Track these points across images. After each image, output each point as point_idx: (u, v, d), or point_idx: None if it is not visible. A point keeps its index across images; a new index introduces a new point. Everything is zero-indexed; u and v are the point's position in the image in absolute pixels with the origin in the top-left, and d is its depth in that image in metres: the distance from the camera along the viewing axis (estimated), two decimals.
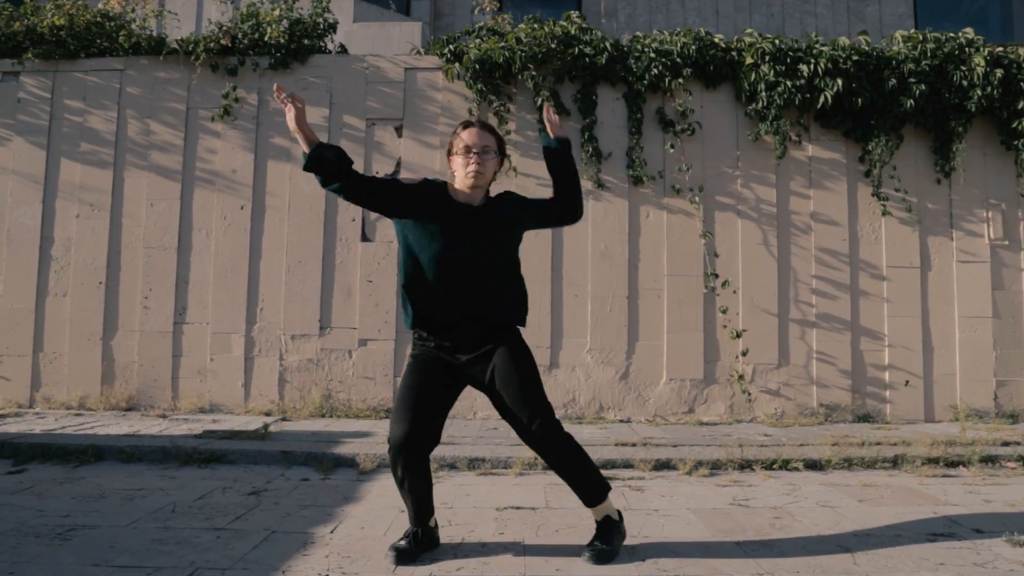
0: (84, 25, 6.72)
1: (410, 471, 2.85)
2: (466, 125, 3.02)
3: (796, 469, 4.63)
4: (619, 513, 3.07)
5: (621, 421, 6.15)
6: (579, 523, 3.40)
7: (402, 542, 2.89)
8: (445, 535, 3.20)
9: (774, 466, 4.65)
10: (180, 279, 6.49)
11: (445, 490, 4.03)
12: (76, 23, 6.68)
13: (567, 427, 5.68)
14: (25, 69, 6.70)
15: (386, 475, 4.39)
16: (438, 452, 4.63)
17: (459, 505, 3.73)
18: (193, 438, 5.08)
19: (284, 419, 5.99)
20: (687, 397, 6.30)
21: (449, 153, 3.04)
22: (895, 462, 4.71)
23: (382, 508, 3.66)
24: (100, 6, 6.96)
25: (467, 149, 2.93)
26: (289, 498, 3.87)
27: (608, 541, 2.94)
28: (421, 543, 2.92)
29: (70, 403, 6.37)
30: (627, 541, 3.07)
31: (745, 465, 4.64)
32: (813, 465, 4.69)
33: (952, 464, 4.71)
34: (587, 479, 3.01)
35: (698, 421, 6.16)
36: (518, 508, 3.67)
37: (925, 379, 6.37)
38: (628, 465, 4.61)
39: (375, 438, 5.11)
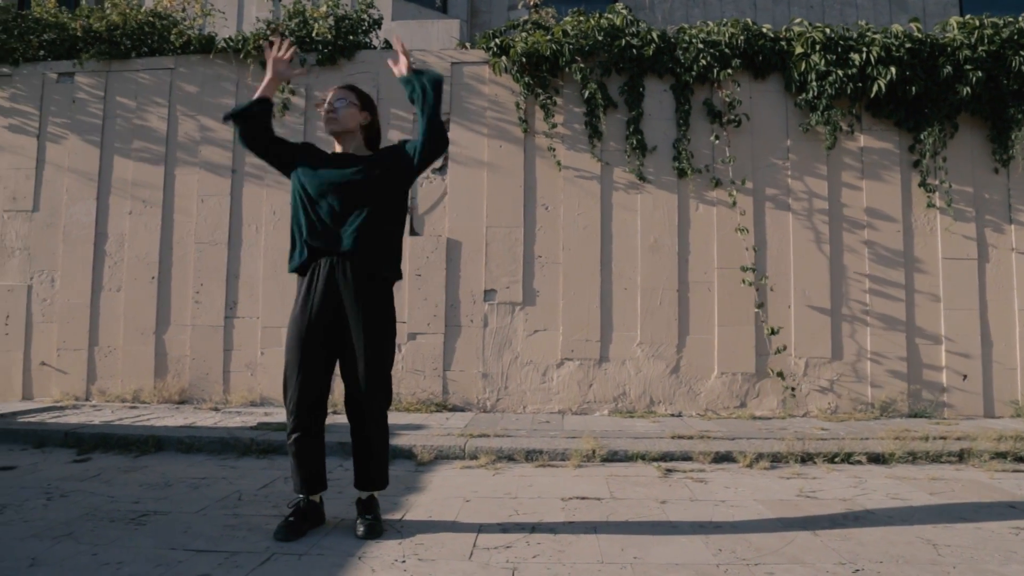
0: (137, 25, 6.82)
1: None
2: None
3: (859, 462, 4.55)
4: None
5: (672, 415, 6.09)
6: (648, 513, 3.37)
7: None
8: (513, 523, 3.18)
9: (836, 459, 4.56)
10: (230, 274, 6.56)
11: (507, 480, 4.02)
12: (129, 22, 6.79)
13: (618, 420, 5.68)
14: (81, 70, 6.81)
15: (445, 466, 4.39)
16: (494, 444, 4.64)
17: (523, 495, 3.70)
18: (249, 430, 5.12)
19: (335, 412, 5.99)
20: (739, 391, 6.22)
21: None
22: (961, 456, 4.60)
23: (446, 498, 3.66)
24: (151, 5, 7.07)
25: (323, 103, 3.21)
26: (352, 488, 3.85)
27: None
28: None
29: (124, 396, 6.47)
30: (701, 529, 3.03)
31: (807, 458, 4.56)
32: (876, 459, 4.59)
33: (1021, 459, 4.59)
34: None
35: (750, 415, 6.08)
36: (583, 498, 3.64)
37: (984, 374, 6.22)
38: (687, 457, 4.56)
39: (430, 431, 5.11)
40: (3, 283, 6.73)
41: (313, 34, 6.65)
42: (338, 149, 3.22)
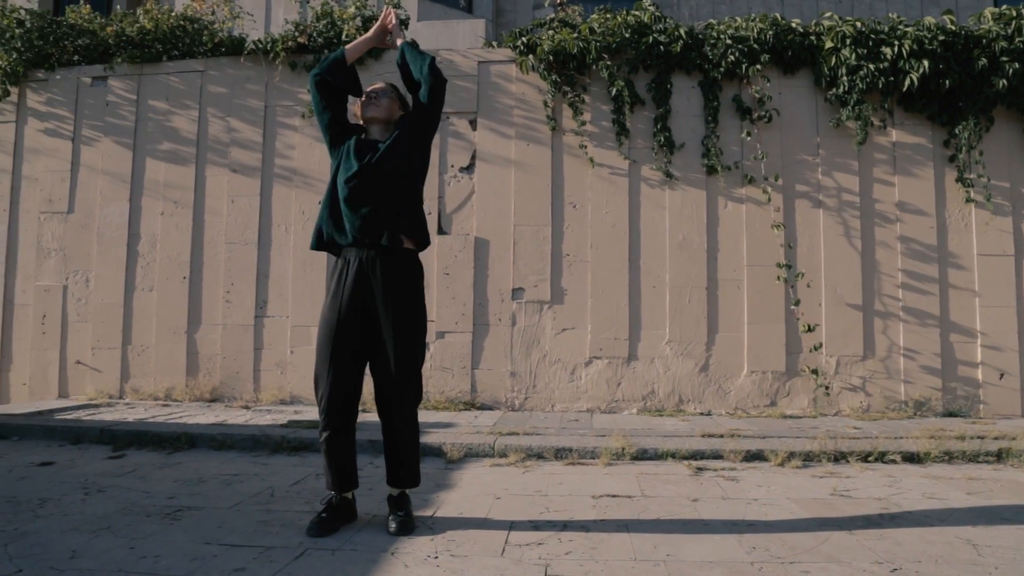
0: (168, 29, 6.92)
1: None
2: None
3: (893, 462, 4.48)
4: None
5: (702, 414, 6.05)
6: (679, 511, 3.34)
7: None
8: (544, 520, 3.18)
9: (869, 458, 4.50)
10: (260, 273, 6.62)
11: (536, 478, 4.02)
12: (161, 27, 6.89)
13: (647, 419, 5.65)
14: (114, 73, 6.92)
15: (475, 464, 4.40)
16: (524, 442, 4.63)
17: (554, 493, 3.70)
18: (280, 427, 5.17)
19: (363, 411, 6.03)
20: (769, 390, 6.16)
21: None
22: (999, 456, 4.52)
23: (477, 495, 3.66)
24: (183, 8, 7.17)
25: (366, 95, 3.26)
26: (382, 485, 3.84)
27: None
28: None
29: (157, 394, 6.56)
30: (734, 527, 3.01)
31: (839, 457, 4.50)
32: (911, 458, 4.52)
33: None
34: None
35: (781, 414, 6.01)
36: (614, 496, 3.62)
37: (1021, 372, 6.10)
38: (717, 456, 4.52)
39: (459, 429, 5.13)
40: (40, 283, 6.86)
41: (343, 36, 6.69)
42: (370, 136, 3.25)
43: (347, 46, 3.31)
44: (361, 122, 3.28)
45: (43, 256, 6.88)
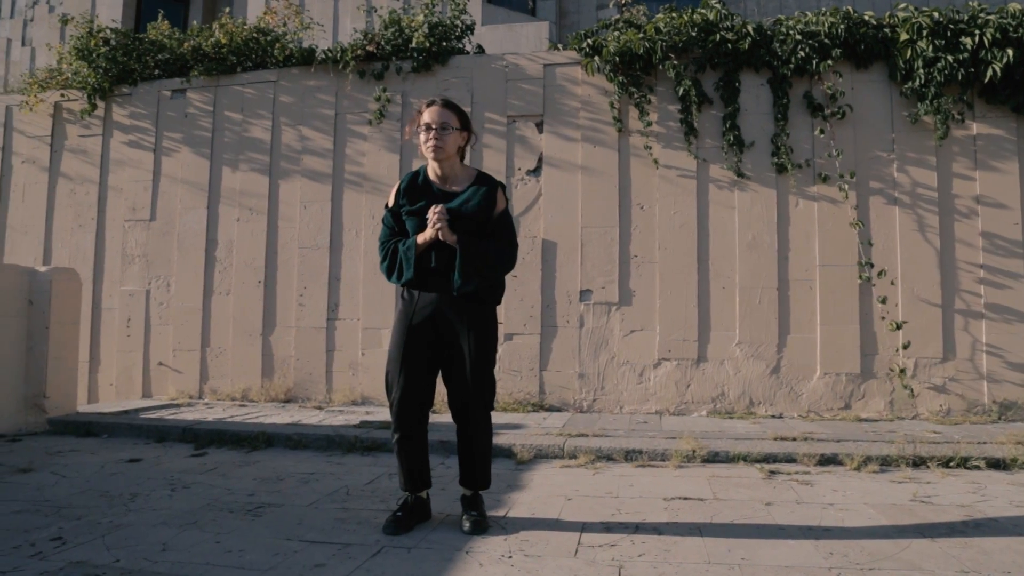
0: (242, 41, 7.17)
1: None
2: (429, 104, 3.14)
3: (977, 468, 4.32)
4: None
5: (773, 416, 5.94)
6: (753, 515, 3.30)
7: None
8: (616, 522, 3.18)
9: (951, 464, 4.34)
10: (332, 277, 6.79)
11: (607, 480, 4.02)
12: (235, 40, 7.14)
13: (717, 421, 5.59)
14: (191, 86, 7.21)
15: (545, 465, 4.43)
16: (593, 444, 4.64)
17: (625, 495, 3.69)
18: (353, 428, 5.30)
19: (433, 411, 6.12)
20: (843, 392, 6.01)
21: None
22: None
23: (548, 496, 3.69)
24: (256, 21, 7.41)
25: (427, 127, 3.08)
26: (454, 485, 3.92)
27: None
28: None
29: (234, 395, 6.80)
30: (810, 532, 2.96)
31: (919, 462, 4.36)
32: (996, 464, 4.35)
33: None
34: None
35: (856, 417, 5.86)
36: (686, 499, 3.60)
37: None
38: (790, 459, 4.44)
39: (528, 430, 5.16)
40: (124, 288, 7.18)
41: (411, 43, 6.79)
42: (433, 167, 3.18)
43: (417, 240, 3.09)
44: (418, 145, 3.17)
45: (127, 262, 7.21)
